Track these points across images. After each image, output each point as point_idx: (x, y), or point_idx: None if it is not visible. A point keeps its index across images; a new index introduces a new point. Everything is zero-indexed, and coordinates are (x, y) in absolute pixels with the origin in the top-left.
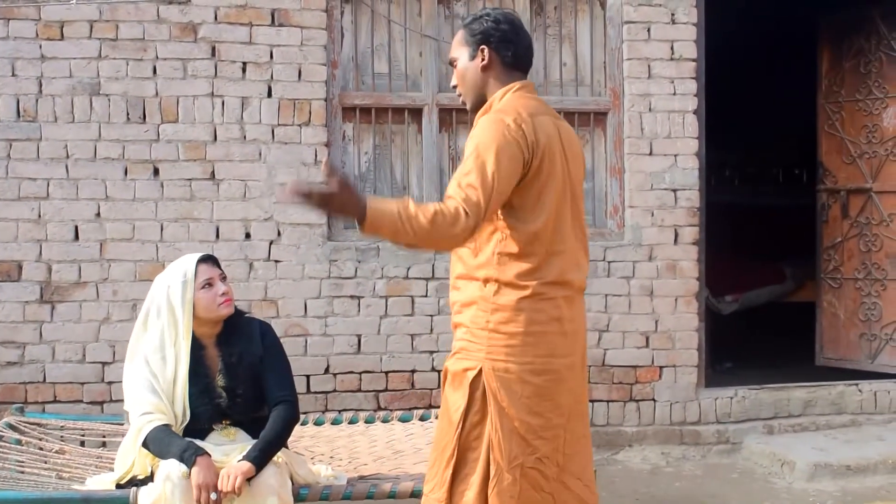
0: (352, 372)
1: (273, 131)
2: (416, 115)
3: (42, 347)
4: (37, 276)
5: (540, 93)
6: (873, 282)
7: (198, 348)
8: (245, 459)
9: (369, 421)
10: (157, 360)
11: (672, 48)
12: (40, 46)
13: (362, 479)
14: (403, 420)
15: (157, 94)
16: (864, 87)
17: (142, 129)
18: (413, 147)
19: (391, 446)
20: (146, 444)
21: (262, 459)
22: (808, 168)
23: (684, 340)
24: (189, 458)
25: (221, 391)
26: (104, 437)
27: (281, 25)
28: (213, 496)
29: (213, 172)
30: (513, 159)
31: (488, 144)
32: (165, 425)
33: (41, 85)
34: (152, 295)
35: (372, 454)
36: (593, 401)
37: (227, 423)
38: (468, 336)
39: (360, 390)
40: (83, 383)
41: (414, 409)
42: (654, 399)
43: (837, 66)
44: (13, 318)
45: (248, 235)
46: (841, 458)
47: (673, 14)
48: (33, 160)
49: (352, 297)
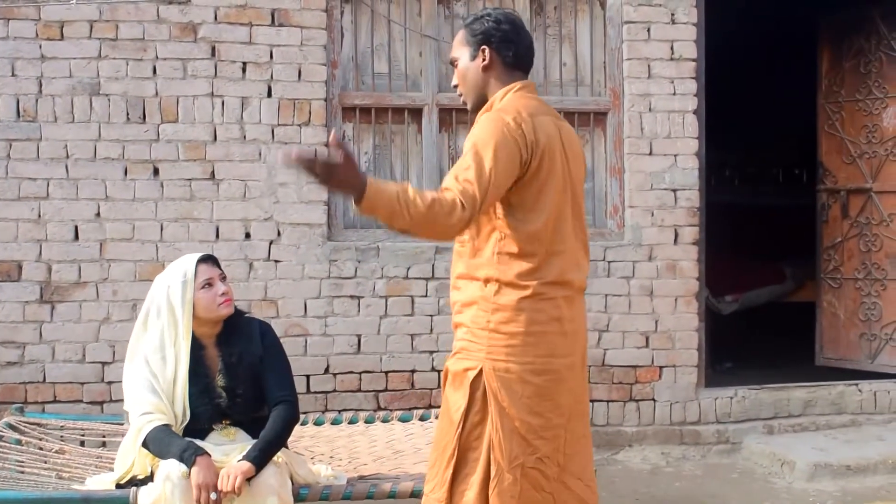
0: (352, 372)
1: (273, 131)
2: (416, 115)
3: (42, 347)
4: (37, 276)
5: (540, 93)
6: (873, 282)
7: (198, 348)
8: (245, 459)
9: (369, 421)
10: (157, 360)
11: (672, 48)
12: (40, 46)
13: (362, 478)
14: (403, 420)
15: (157, 94)
16: (864, 87)
17: (142, 129)
18: (413, 147)
19: (391, 446)
20: (146, 444)
21: (262, 459)
22: (808, 168)
23: (684, 340)
24: (189, 457)
25: (221, 391)
26: (104, 437)
27: (281, 25)
28: (212, 496)
29: (213, 172)
30: (510, 156)
31: (487, 140)
32: (165, 425)
33: (41, 85)
34: (152, 295)
35: (372, 454)
36: (593, 401)
37: (227, 423)
38: (469, 336)
39: (359, 390)
40: (83, 383)
41: (414, 409)
42: (654, 399)
43: (837, 66)
44: (13, 318)
45: (247, 235)
46: (841, 458)
47: (673, 14)
48: (33, 160)
49: (352, 297)
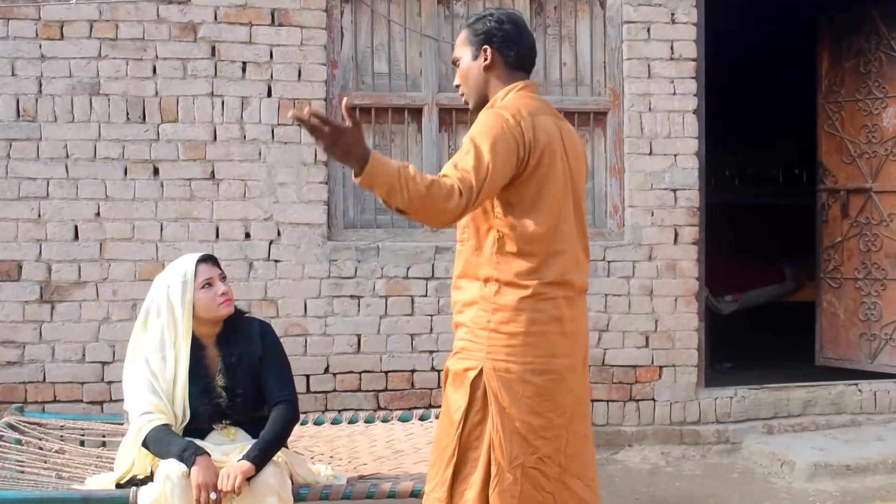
0: (351, 372)
1: (273, 131)
2: (416, 114)
3: (42, 347)
4: (36, 275)
5: (540, 93)
6: (873, 282)
7: (198, 348)
8: (245, 459)
9: (369, 421)
10: (157, 359)
11: (672, 48)
12: (40, 46)
13: (362, 478)
14: (403, 420)
15: (157, 93)
16: (863, 86)
17: (142, 128)
18: (413, 147)
19: (391, 446)
20: (146, 444)
21: (262, 459)
22: (808, 168)
23: (684, 340)
24: (189, 457)
25: (221, 391)
26: (104, 436)
27: (281, 25)
28: (212, 496)
29: (213, 172)
30: (508, 152)
31: (485, 134)
32: (165, 425)
33: (41, 85)
34: (152, 295)
35: (372, 454)
36: (593, 401)
37: (227, 422)
38: (469, 336)
39: (359, 390)
40: (83, 383)
41: (414, 408)
42: (653, 399)
43: (837, 66)
44: (13, 318)
45: (247, 235)
46: (841, 458)
47: (673, 14)
48: (33, 160)
49: (351, 296)
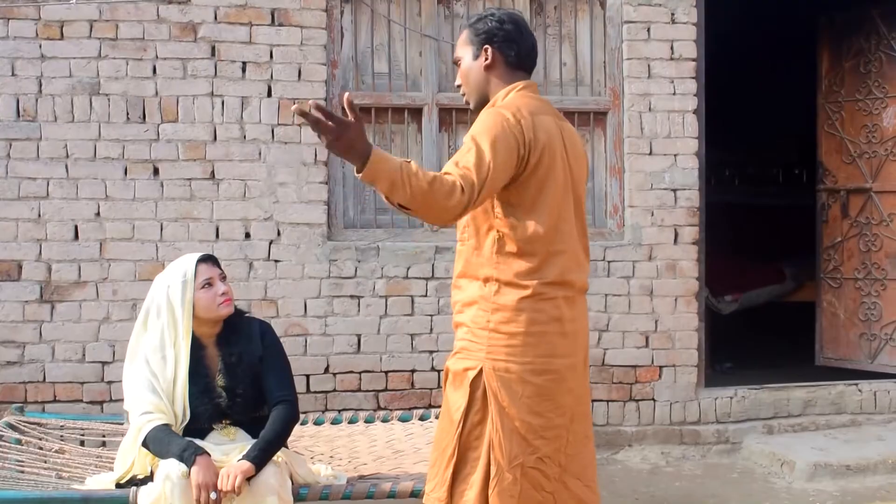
0: (351, 372)
1: (273, 131)
2: (416, 114)
3: (42, 347)
4: (36, 275)
5: (540, 93)
6: (873, 282)
7: (198, 348)
8: (245, 459)
9: (369, 421)
10: (157, 359)
11: (672, 48)
12: (40, 46)
13: (362, 478)
14: (403, 420)
15: (157, 93)
16: (863, 86)
17: (141, 128)
18: (413, 147)
19: (391, 446)
20: (146, 444)
21: (262, 459)
22: (808, 168)
23: (684, 340)
24: (189, 457)
25: (221, 391)
26: (104, 436)
27: (281, 25)
28: (212, 496)
29: (213, 172)
30: (508, 150)
31: (486, 133)
32: (165, 425)
33: (41, 84)
34: (152, 295)
35: (372, 454)
36: (593, 401)
37: (227, 422)
38: (469, 336)
39: (359, 390)
40: (83, 383)
41: (413, 408)
42: (653, 399)
43: (837, 66)
44: (13, 318)
45: (247, 235)
46: (841, 458)
47: (673, 14)
48: (33, 160)
49: (351, 296)
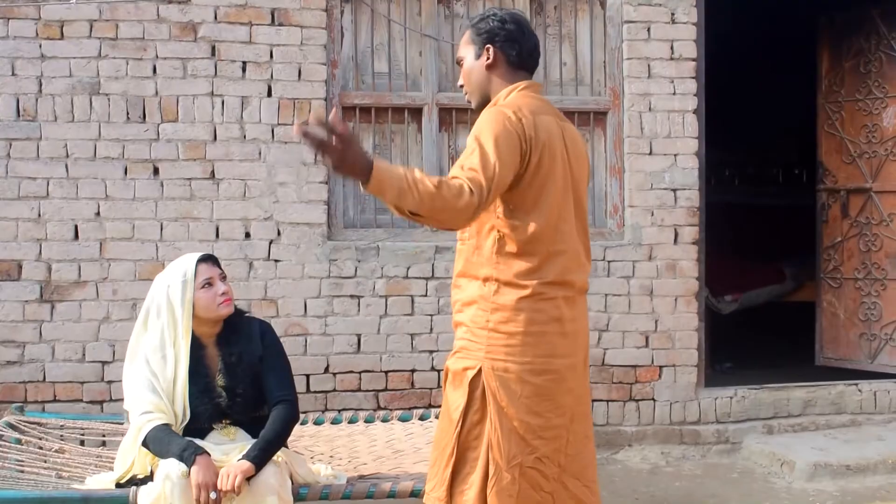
0: (351, 371)
1: (273, 131)
2: (416, 114)
3: (42, 347)
4: (36, 275)
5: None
6: (873, 281)
7: (198, 348)
8: (245, 458)
9: (369, 420)
10: (157, 359)
11: (672, 48)
12: (40, 46)
13: (362, 478)
14: (403, 420)
15: (157, 93)
16: (863, 86)
17: (141, 128)
18: (413, 147)
19: (391, 446)
20: (146, 444)
21: (262, 459)
22: (808, 168)
23: (684, 340)
24: (189, 457)
25: (221, 391)
26: (104, 436)
27: (281, 25)
28: (212, 495)
29: (213, 172)
30: (512, 148)
31: (489, 132)
32: (165, 424)
33: (41, 84)
34: (152, 294)
35: (371, 454)
36: (593, 401)
37: (227, 422)
38: (468, 335)
39: (359, 390)
40: (83, 382)
41: (413, 408)
42: (653, 399)
43: (837, 66)
44: (13, 318)
45: (247, 235)
46: (841, 458)
47: (673, 13)
48: (33, 159)
49: (351, 296)
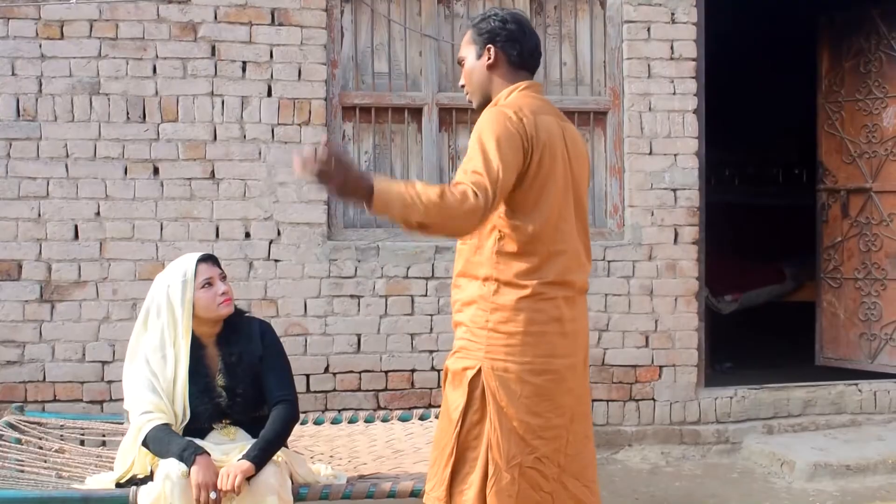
0: (351, 371)
1: (273, 131)
2: (416, 114)
3: (42, 346)
4: (36, 275)
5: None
6: (873, 281)
7: (198, 348)
8: (245, 458)
9: (369, 420)
10: (157, 359)
11: (672, 48)
12: (40, 46)
13: (362, 478)
14: (403, 419)
15: (157, 93)
16: (863, 86)
17: (142, 128)
18: (413, 146)
19: (391, 445)
20: (146, 443)
21: (262, 458)
22: (808, 168)
23: (684, 340)
24: (189, 457)
25: (221, 390)
26: (104, 436)
27: (281, 25)
28: (212, 495)
29: (213, 172)
30: (514, 148)
31: (489, 133)
32: (165, 424)
33: (41, 84)
34: (152, 294)
35: (371, 453)
36: (593, 400)
37: (227, 422)
38: (468, 335)
39: (359, 390)
40: (83, 382)
41: (413, 408)
42: (653, 399)
43: (837, 66)
44: (13, 318)
45: (247, 235)
46: (841, 457)
47: (673, 13)
48: (33, 159)
49: (351, 296)
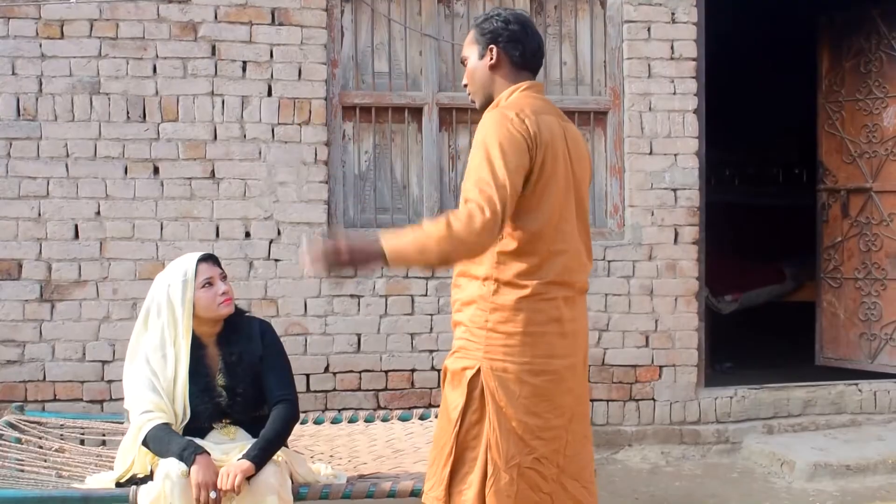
0: (351, 371)
1: (273, 130)
2: (416, 114)
3: (42, 346)
4: (37, 274)
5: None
6: (873, 281)
7: (198, 347)
8: (245, 458)
9: (369, 420)
10: (157, 358)
11: (672, 47)
12: (40, 45)
13: (362, 477)
14: (403, 419)
15: (157, 92)
16: (864, 86)
17: (142, 127)
18: (413, 146)
19: (391, 445)
20: (146, 443)
21: (262, 458)
22: (809, 168)
23: (684, 340)
24: (188, 456)
25: (221, 390)
26: (104, 435)
27: (281, 24)
28: (212, 495)
29: (213, 171)
30: (520, 152)
31: (492, 139)
32: (165, 424)
33: (41, 84)
34: (152, 294)
35: (371, 453)
36: (593, 400)
37: (227, 421)
38: (467, 335)
39: (359, 389)
40: (83, 382)
41: (413, 408)
42: (653, 398)
43: (837, 66)
44: (13, 317)
45: (247, 234)
46: (841, 457)
47: (673, 13)
48: (33, 159)
49: (351, 296)
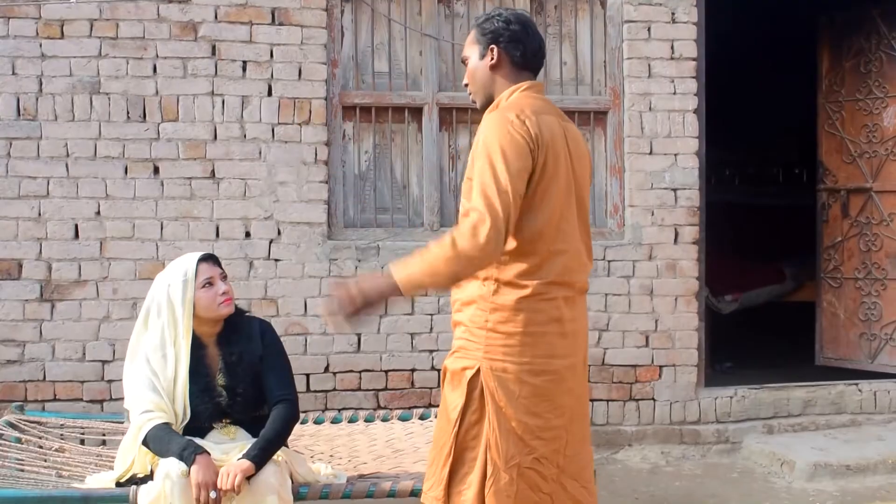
0: (351, 371)
1: (273, 130)
2: (417, 114)
3: (42, 346)
4: (37, 274)
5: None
6: (873, 281)
7: (198, 347)
8: (245, 458)
9: (369, 420)
10: (157, 358)
11: (672, 47)
12: (40, 45)
13: (362, 477)
14: (403, 419)
15: (158, 92)
16: (864, 86)
17: (142, 127)
18: (413, 146)
19: (391, 445)
20: (146, 443)
21: (262, 458)
22: (809, 167)
23: (684, 340)
24: (189, 456)
25: (222, 390)
26: (104, 435)
27: (281, 24)
28: (212, 494)
29: (213, 171)
30: (522, 155)
31: (493, 144)
32: (165, 424)
33: (41, 83)
34: (153, 294)
35: (371, 453)
36: (593, 400)
37: (228, 421)
38: (467, 335)
39: (359, 389)
40: (83, 381)
41: (413, 408)
42: (653, 398)
43: (837, 66)
44: (13, 317)
45: (248, 234)
46: (841, 457)
47: (673, 13)
48: (33, 159)
49: None
